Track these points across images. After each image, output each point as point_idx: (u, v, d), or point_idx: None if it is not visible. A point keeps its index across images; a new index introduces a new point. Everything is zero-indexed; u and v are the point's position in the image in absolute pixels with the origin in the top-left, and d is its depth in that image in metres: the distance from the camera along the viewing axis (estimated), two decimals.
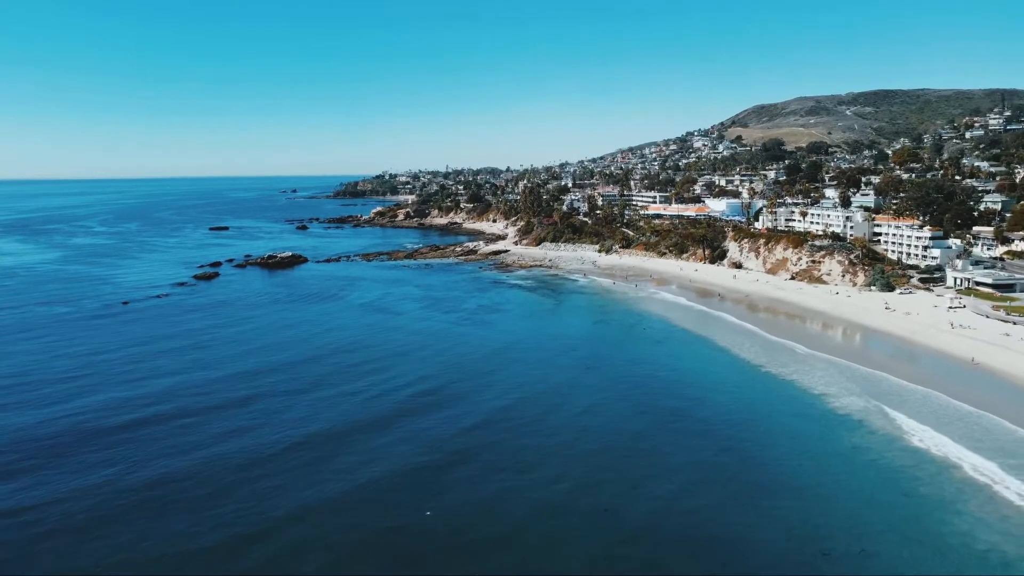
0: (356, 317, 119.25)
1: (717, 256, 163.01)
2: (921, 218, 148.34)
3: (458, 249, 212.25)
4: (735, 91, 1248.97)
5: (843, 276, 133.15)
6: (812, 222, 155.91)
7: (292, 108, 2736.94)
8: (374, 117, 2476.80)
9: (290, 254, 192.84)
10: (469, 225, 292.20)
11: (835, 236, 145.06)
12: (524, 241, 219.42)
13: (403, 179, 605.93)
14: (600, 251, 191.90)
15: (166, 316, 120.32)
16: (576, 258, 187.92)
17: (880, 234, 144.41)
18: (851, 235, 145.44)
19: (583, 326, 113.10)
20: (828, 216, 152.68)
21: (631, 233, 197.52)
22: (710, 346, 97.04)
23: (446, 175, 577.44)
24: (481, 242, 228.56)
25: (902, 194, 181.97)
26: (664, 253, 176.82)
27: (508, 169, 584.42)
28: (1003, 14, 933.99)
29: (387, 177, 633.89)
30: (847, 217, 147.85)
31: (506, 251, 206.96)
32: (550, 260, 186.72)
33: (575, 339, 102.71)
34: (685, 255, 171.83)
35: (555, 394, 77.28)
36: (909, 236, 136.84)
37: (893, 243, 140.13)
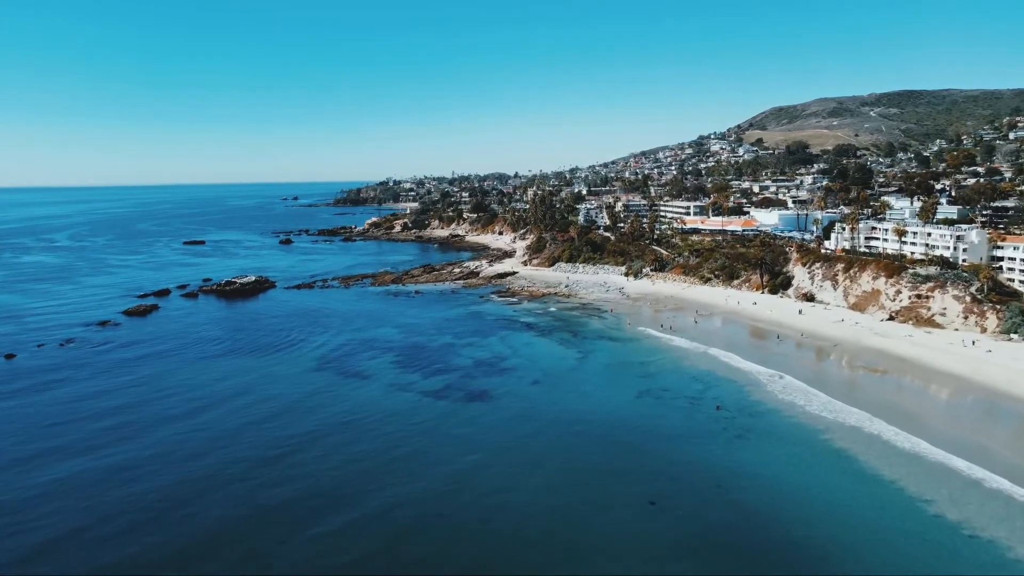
0: (301, 390, 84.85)
1: (780, 284, 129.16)
2: None
3: (456, 271, 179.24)
4: (750, 93, 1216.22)
5: (964, 317, 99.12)
6: (907, 241, 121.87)
7: (298, 114, 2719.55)
8: (380, 122, 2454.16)
9: (254, 279, 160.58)
10: (472, 238, 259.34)
11: (943, 262, 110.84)
12: (535, 260, 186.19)
13: (407, 186, 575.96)
14: (627, 274, 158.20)
15: (38, 389, 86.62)
16: (598, 283, 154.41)
17: (1001, 259, 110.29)
18: (964, 260, 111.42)
19: (623, 401, 78.62)
20: (929, 235, 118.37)
21: (664, 252, 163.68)
22: (821, 446, 63.34)
23: (451, 181, 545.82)
24: (484, 261, 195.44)
25: (996, 204, 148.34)
26: (708, 279, 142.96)
27: (516, 175, 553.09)
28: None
29: (391, 184, 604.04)
30: (958, 237, 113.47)
31: (513, 273, 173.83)
32: (566, 286, 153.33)
33: (617, 434, 68.28)
34: (736, 281, 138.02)
35: None
36: None
37: (1022, 271, 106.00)
